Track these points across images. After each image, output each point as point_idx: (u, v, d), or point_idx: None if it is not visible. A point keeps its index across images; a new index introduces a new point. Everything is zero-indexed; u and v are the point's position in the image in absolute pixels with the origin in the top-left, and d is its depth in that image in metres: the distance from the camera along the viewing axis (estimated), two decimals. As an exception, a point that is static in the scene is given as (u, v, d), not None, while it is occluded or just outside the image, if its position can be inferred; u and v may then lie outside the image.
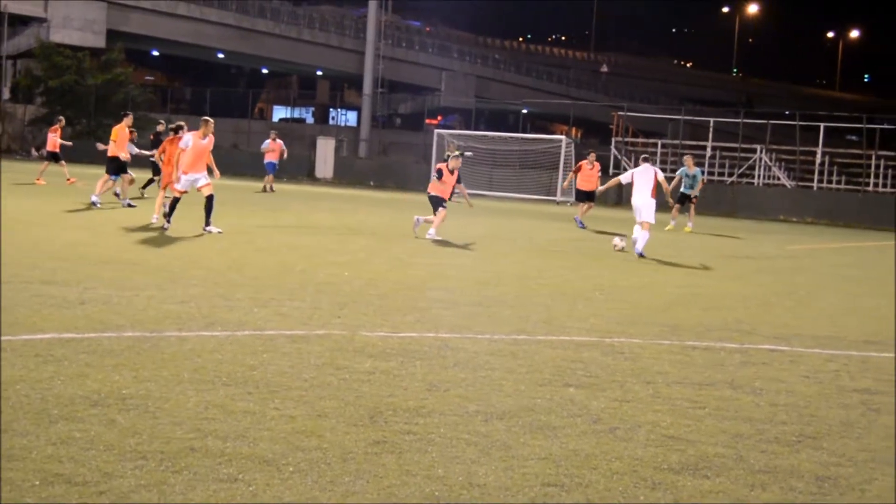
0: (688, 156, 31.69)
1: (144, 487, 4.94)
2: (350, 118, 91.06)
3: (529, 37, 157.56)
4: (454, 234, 21.00)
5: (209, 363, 7.69)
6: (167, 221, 18.76)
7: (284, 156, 38.95)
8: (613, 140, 51.27)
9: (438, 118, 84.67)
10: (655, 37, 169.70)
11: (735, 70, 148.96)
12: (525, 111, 76.88)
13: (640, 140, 55.33)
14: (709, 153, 50.00)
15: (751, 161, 48.70)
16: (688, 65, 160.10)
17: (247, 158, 52.88)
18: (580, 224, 27.80)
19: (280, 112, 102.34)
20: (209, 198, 18.87)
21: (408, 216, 28.47)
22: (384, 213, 29.23)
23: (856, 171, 47.61)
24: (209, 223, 18.67)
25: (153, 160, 25.80)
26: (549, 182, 47.51)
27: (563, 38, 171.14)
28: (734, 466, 5.92)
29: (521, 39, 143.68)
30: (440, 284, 13.52)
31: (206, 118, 19.60)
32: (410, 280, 13.80)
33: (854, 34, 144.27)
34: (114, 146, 24.42)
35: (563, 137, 50.18)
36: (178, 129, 20.83)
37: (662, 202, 23.25)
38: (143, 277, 12.15)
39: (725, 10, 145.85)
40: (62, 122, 33.44)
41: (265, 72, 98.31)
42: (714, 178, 47.87)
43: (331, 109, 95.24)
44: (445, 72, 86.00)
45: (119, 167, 24.43)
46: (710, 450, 6.22)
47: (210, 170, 19.53)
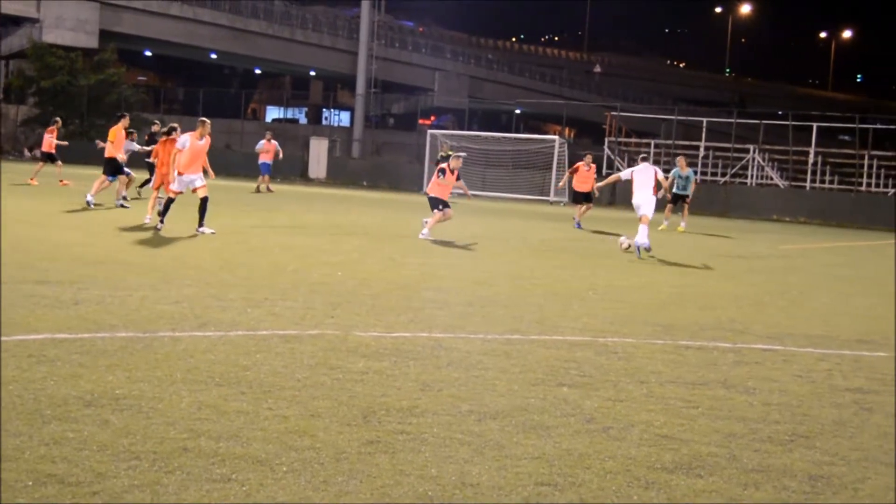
0: (680, 157, 31.80)
1: (138, 488, 4.94)
2: (343, 118, 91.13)
3: (522, 37, 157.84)
4: (447, 235, 21.01)
5: (202, 363, 7.68)
6: (161, 222, 18.74)
7: (280, 156, 38.95)
8: (606, 140, 51.35)
9: (431, 118, 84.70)
10: (648, 37, 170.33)
11: (728, 70, 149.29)
12: (518, 111, 76.99)
13: (634, 140, 55.40)
14: (702, 153, 50.07)
15: (744, 161, 48.80)
16: (681, 65, 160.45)
17: (240, 159, 52.94)
18: (578, 225, 27.85)
19: (273, 112, 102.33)
20: (204, 199, 18.86)
21: (401, 216, 28.56)
22: (377, 214, 29.22)
23: (848, 171, 47.72)
24: (202, 224, 18.66)
25: (148, 160, 25.77)
26: (543, 182, 47.55)
27: (557, 39, 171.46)
28: (727, 465, 5.92)
29: (515, 39, 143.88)
30: (433, 284, 13.52)
31: (203, 119, 19.53)
32: (404, 280, 13.80)
33: (847, 34, 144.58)
34: (111, 147, 24.37)
35: (557, 137, 50.18)
36: (172, 131, 20.78)
37: (663, 201, 23.33)
38: (137, 278, 12.13)
39: (718, 11, 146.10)
40: (59, 123, 33.36)
41: (258, 72, 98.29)
42: (707, 178, 47.98)
43: (324, 110, 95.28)
44: (438, 72, 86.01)
45: (116, 168, 24.40)
46: (704, 449, 6.22)
47: (205, 171, 19.50)
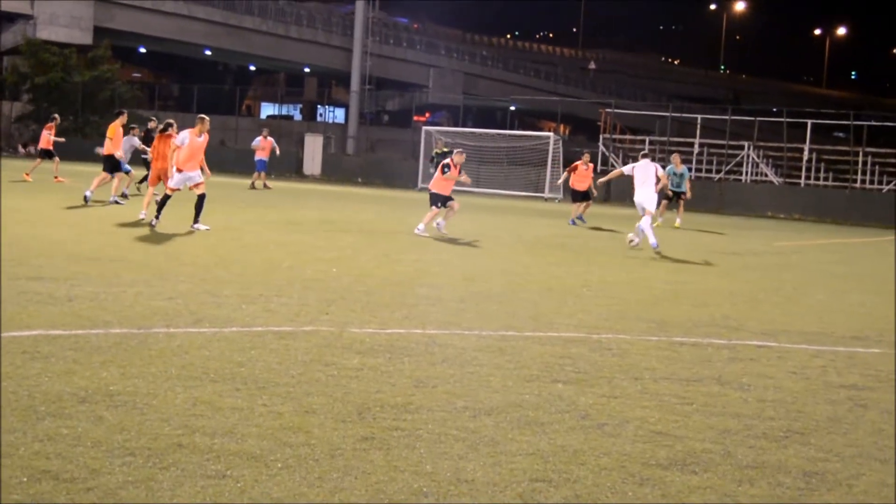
0: (675, 154, 31.86)
1: (132, 484, 4.93)
2: (338, 115, 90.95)
3: (517, 33, 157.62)
4: (442, 232, 21.00)
5: (197, 360, 7.68)
6: (156, 218, 18.69)
7: (277, 153, 38.91)
8: (601, 137, 51.31)
9: (426, 115, 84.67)
10: (643, 34, 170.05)
11: (723, 67, 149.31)
12: (513, 108, 76.85)
13: (628, 137, 55.41)
14: (696, 150, 50.08)
15: (738, 158, 48.80)
16: (675, 62, 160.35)
17: (234, 155, 52.88)
18: (572, 222, 27.91)
19: (267, 109, 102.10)
20: (201, 196, 18.81)
21: (395, 213, 28.56)
22: (372, 210, 29.21)
23: (843, 168, 47.72)
24: (198, 220, 18.63)
25: (144, 157, 25.72)
26: (537, 179, 47.55)
27: (551, 35, 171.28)
28: (722, 462, 5.93)
29: (509, 36, 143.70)
30: (428, 281, 13.52)
31: (202, 116, 19.44)
32: (398, 276, 13.80)
33: (841, 31, 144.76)
34: (110, 144, 24.31)
35: (551, 134, 50.12)
36: (168, 127, 20.76)
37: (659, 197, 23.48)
38: (131, 274, 12.12)
39: (713, 8, 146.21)
40: (57, 121, 33.28)
41: (252, 69, 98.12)
42: (701, 175, 47.99)
43: (318, 106, 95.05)
44: (433, 68, 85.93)
45: (114, 165, 24.34)
46: (698, 445, 6.23)
47: (201, 169, 19.43)
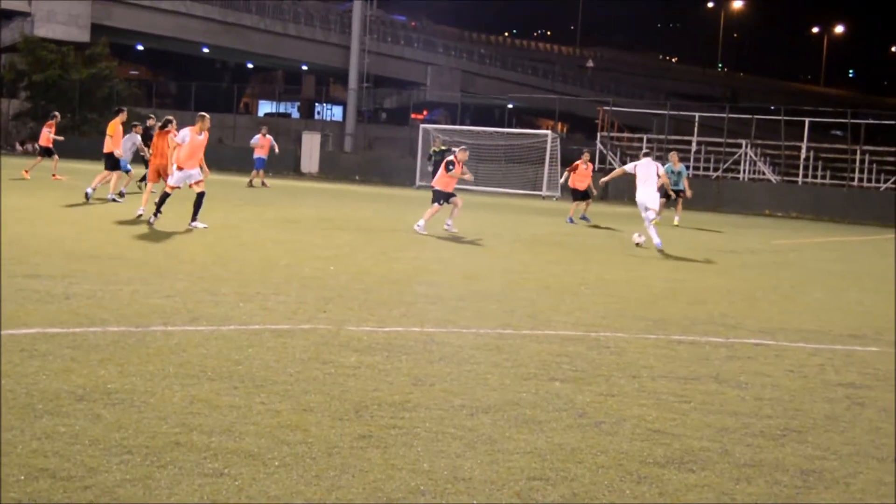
0: (673, 152, 31.88)
1: (130, 482, 4.93)
2: (335, 113, 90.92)
3: (515, 32, 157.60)
4: (439, 230, 21.00)
5: (194, 358, 7.68)
6: (154, 216, 18.63)
7: (276, 151, 38.88)
8: (599, 135, 51.30)
9: (424, 113, 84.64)
10: (641, 32, 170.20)
11: (720, 65, 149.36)
12: (510, 106, 76.99)
13: (626, 135, 55.37)
14: (694, 148, 50.06)
15: (736, 156, 48.80)
16: (673, 60, 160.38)
17: (232, 153, 52.84)
18: (570, 220, 27.93)
19: (265, 107, 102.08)
20: (200, 194, 18.76)
21: (393, 211, 28.54)
22: (369, 208, 29.20)
23: (840, 166, 47.73)
24: (196, 218, 18.60)
25: (142, 156, 25.69)
26: (535, 177, 47.54)
27: (549, 33, 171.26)
28: (719, 460, 5.93)
29: (507, 34, 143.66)
30: (425, 279, 13.52)
31: (202, 114, 19.32)
32: (396, 274, 13.79)
33: (839, 29, 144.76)
34: (110, 141, 24.27)
35: (549, 132, 50.16)
36: (167, 124, 20.75)
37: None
38: (129, 272, 12.11)
39: (710, 6, 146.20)
40: (57, 118, 33.24)
41: (250, 66, 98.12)
42: (699, 173, 47.99)
43: (316, 104, 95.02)
44: (431, 66, 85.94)
45: (114, 163, 24.30)
46: (696, 444, 6.23)
47: (200, 167, 19.35)
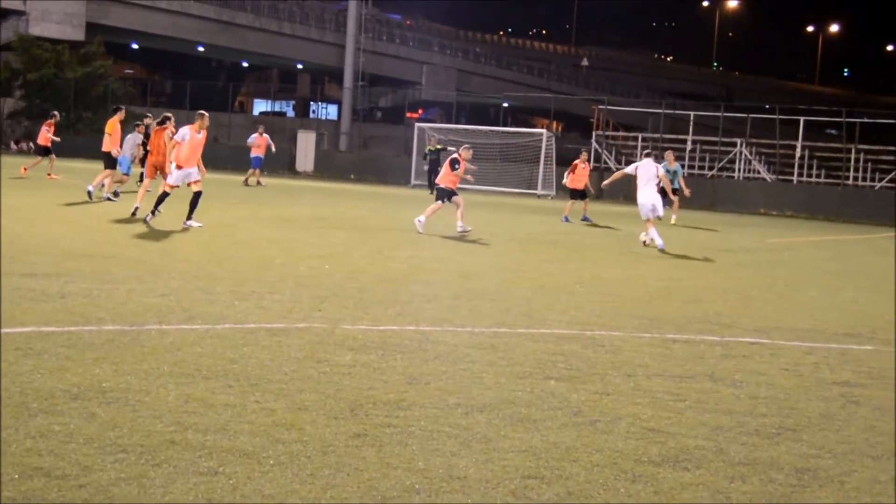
0: (669, 151, 31.87)
1: (124, 481, 4.93)
2: (331, 111, 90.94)
3: (510, 30, 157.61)
4: (435, 228, 21.00)
5: (189, 356, 7.67)
6: (152, 214, 18.55)
7: (272, 150, 38.85)
8: (594, 134, 51.33)
9: (419, 112, 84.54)
10: (636, 31, 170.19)
11: (715, 64, 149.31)
12: (506, 105, 76.92)
13: (621, 134, 55.41)
14: (689, 147, 50.08)
15: (731, 155, 48.86)
16: (668, 59, 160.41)
17: (227, 152, 52.77)
18: (566, 219, 27.95)
19: (260, 105, 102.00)
20: (197, 193, 18.69)
21: (388, 209, 28.54)
22: (365, 207, 29.20)
23: (835, 165, 47.78)
24: (191, 217, 18.55)
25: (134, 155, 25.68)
26: (530, 176, 47.57)
27: (544, 32, 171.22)
28: (714, 459, 5.93)
29: (502, 33, 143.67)
30: (421, 277, 13.52)
31: (202, 112, 19.22)
32: (391, 273, 13.79)
33: (834, 28, 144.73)
34: (108, 140, 24.22)
35: (544, 131, 50.19)
36: (165, 121, 20.75)
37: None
38: (124, 271, 12.10)
39: (705, 5, 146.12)
40: (56, 118, 33.19)
41: (245, 65, 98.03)
42: (694, 172, 48.00)
43: (311, 103, 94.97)
44: (426, 65, 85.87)
45: (112, 161, 24.24)
46: (691, 442, 6.23)
47: (197, 166, 19.26)
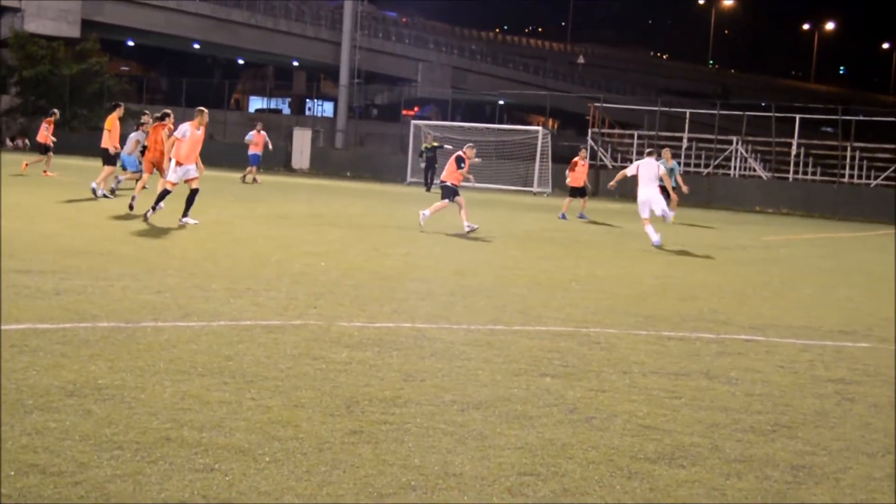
0: (666, 149, 31.87)
1: (120, 477, 4.92)
2: (326, 109, 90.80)
3: (506, 28, 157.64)
4: (434, 226, 20.98)
5: (185, 353, 7.67)
6: (152, 210, 18.50)
7: (269, 147, 38.83)
8: (590, 131, 51.31)
9: (415, 109, 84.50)
10: (632, 29, 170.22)
11: (711, 62, 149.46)
12: (502, 102, 76.91)
13: (617, 131, 55.40)
14: (685, 144, 50.06)
15: (727, 152, 48.84)
16: (664, 56, 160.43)
17: (223, 149, 52.70)
18: (563, 216, 27.99)
19: (256, 103, 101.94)
20: (194, 191, 18.67)
21: (384, 207, 28.54)
22: (360, 204, 29.17)
23: (831, 163, 47.79)
24: (187, 214, 18.53)
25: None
26: (526, 173, 47.56)
27: (540, 30, 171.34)
28: (710, 456, 5.94)
29: (498, 30, 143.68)
30: (417, 275, 13.51)
31: (201, 108, 19.15)
32: (387, 270, 13.79)
33: (829, 26, 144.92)
34: (108, 136, 24.18)
35: (540, 128, 50.21)
36: (164, 117, 20.75)
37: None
38: (119, 268, 12.09)
39: (701, 2, 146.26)
40: (56, 115, 33.15)
41: (241, 62, 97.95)
42: (690, 170, 47.97)
43: (307, 100, 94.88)
44: (422, 63, 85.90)
45: (108, 158, 24.20)
46: (686, 439, 6.24)
47: (195, 163, 19.22)
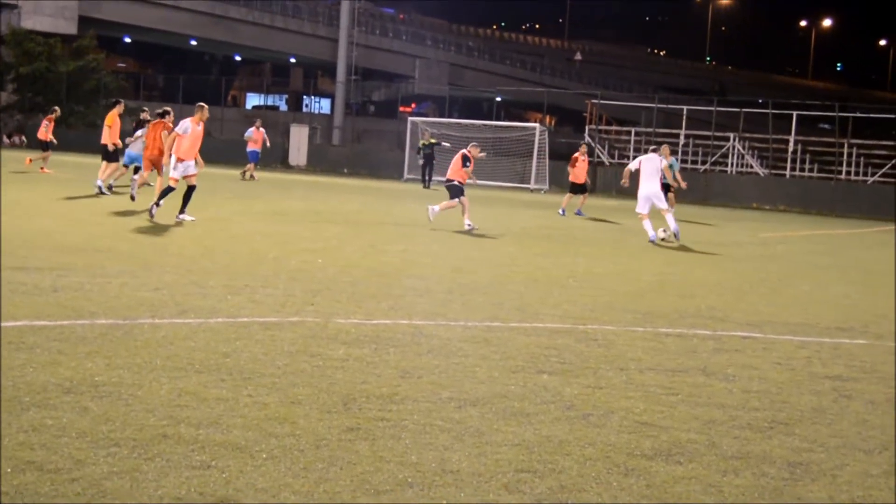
0: (665, 145, 31.83)
1: (117, 474, 4.92)
2: (324, 105, 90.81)
3: (503, 24, 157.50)
4: (429, 223, 20.96)
5: (182, 350, 7.66)
6: (156, 205, 18.42)
7: (267, 144, 38.84)
8: (587, 128, 51.31)
9: (412, 106, 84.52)
10: (629, 25, 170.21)
11: (708, 59, 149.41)
12: (499, 99, 76.98)
13: (614, 128, 55.40)
14: (682, 141, 50.10)
15: (724, 149, 48.88)
16: (661, 53, 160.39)
17: (220, 146, 52.65)
18: (562, 212, 28.03)
19: (253, 99, 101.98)
20: (191, 187, 18.65)
21: (381, 203, 28.53)
22: (358, 201, 29.17)
23: (828, 160, 47.85)
24: (184, 211, 18.51)
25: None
26: (524, 170, 47.57)
27: (537, 26, 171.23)
28: (707, 452, 5.94)
29: (495, 27, 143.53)
30: (414, 272, 13.51)
31: (202, 104, 19.13)
32: (384, 267, 13.78)
33: (826, 23, 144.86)
34: (108, 132, 24.16)
35: (537, 125, 50.23)
36: (165, 115, 20.73)
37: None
38: (116, 265, 12.08)
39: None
40: (57, 113, 33.14)
41: (238, 59, 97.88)
42: (687, 166, 47.99)
43: (304, 97, 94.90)
44: (419, 59, 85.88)
45: (107, 155, 24.17)
46: (683, 436, 6.23)
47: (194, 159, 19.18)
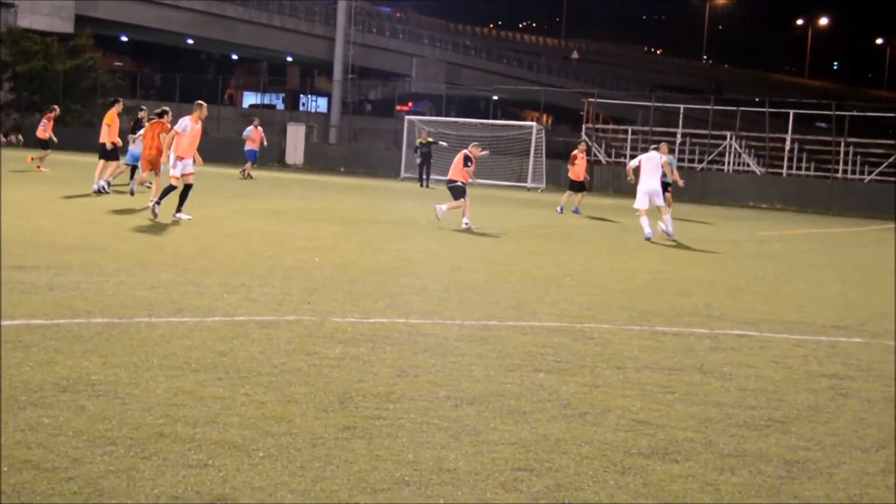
0: (663, 143, 31.84)
1: (113, 473, 4.92)
2: (320, 104, 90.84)
3: (500, 23, 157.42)
4: (426, 221, 20.98)
5: (179, 349, 7.66)
6: (157, 203, 18.41)
7: (265, 143, 38.85)
8: (584, 127, 51.31)
9: (409, 104, 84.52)
10: (626, 24, 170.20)
11: (705, 57, 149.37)
12: (496, 97, 76.84)
13: (611, 127, 55.39)
14: (679, 140, 50.09)
15: (721, 148, 48.88)
16: (658, 52, 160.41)
17: (216, 144, 52.62)
18: (560, 209, 28.04)
19: (250, 98, 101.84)
20: (188, 186, 18.65)
21: (378, 202, 28.52)
22: (354, 200, 29.17)
23: (825, 158, 47.86)
24: (181, 210, 18.51)
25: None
26: (520, 169, 47.56)
27: (534, 25, 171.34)
28: (703, 451, 5.94)
29: (492, 26, 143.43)
30: (411, 270, 13.51)
31: (200, 102, 19.15)
32: (380, 266, 13.78)
33: (823, 21, 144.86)
34: (107, 131, 24.13)
35: (534, 124, 50.17)
36: (163, 114, 20.73)
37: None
38: (113, 263, 12.08)
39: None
40: (56, 111, 33.09)
41: (235, 57, 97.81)
42: (684, 165, 47.96)
43: (301, 95, 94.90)
44: (416, 58, 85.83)
45: (104, 153, 24.13)
46: (680, 434, 6.24)
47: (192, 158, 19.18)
